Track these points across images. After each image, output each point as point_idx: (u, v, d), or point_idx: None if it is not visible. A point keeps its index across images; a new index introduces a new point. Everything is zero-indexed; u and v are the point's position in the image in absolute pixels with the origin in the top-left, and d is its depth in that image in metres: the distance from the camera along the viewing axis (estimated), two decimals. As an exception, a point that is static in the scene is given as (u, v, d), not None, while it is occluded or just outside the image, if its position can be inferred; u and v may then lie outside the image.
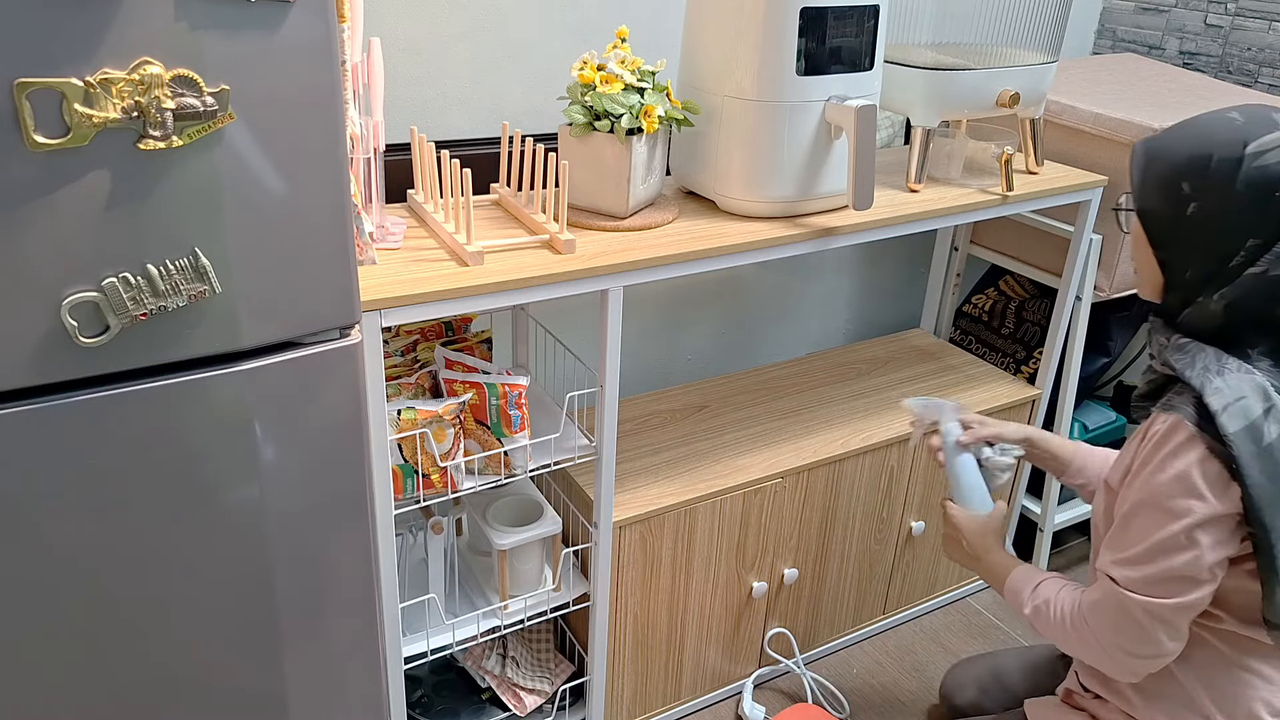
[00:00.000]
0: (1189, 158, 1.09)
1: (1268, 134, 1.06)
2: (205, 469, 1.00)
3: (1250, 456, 1.04)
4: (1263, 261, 1.07)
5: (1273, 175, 1.05)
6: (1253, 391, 1.07)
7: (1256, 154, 1.05)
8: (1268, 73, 2.27)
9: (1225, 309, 1.10)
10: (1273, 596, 1.09)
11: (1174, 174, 1.10)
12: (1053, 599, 1.24)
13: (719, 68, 1.45)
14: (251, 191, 0.92)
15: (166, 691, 1.07)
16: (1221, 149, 1.07)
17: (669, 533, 1.61)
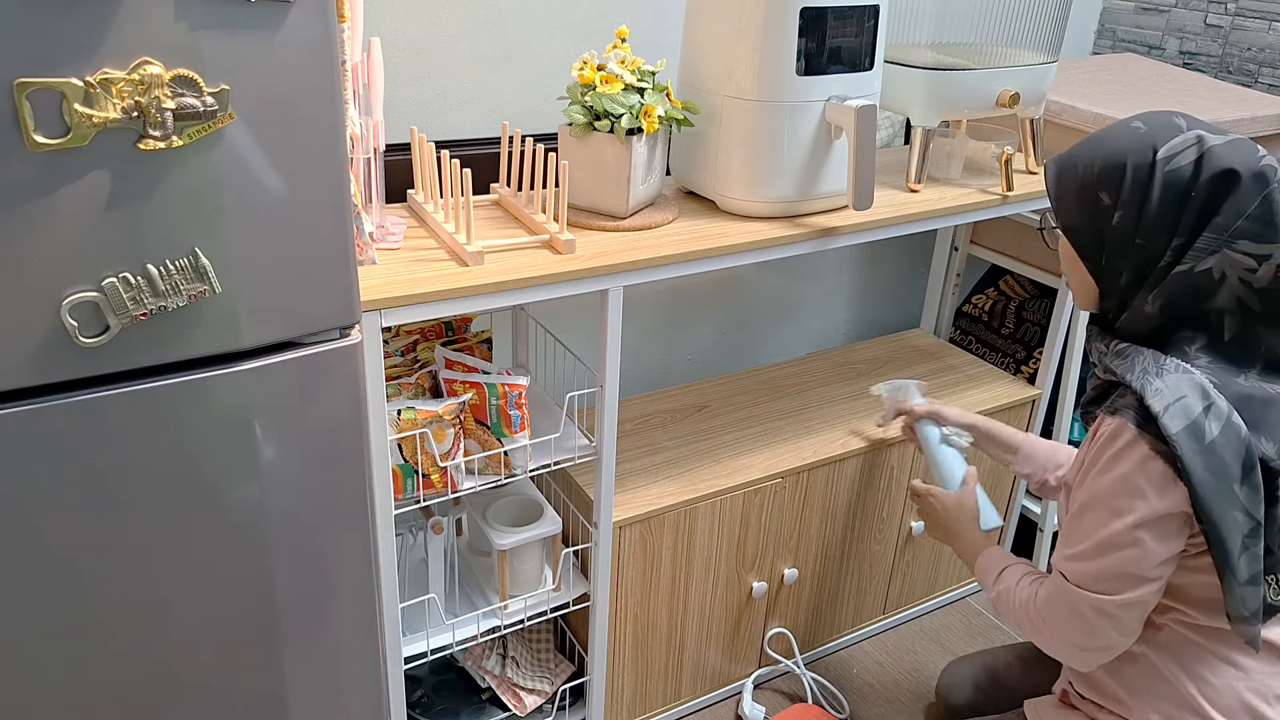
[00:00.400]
0: (1103, 169, 1.14)
1: (1173, 138, 1.12)
2: (205, 469, 1.00)
3: (1193, 454, 1.07)
4: (1188, 259, 1.11)
5: (1184, 177, 1.10)
6: (1192, 390, 1.10)
7: (1167, 158, 1.11)
8: (1268, 73, 2.27)
9: (1160, 309, 1.14)
10: (1230, 590, 1.11)
11: (1091, 187, 1.15)
12: (1013, 587, 1.29)
13: (719, 68, 1.45)
14: (251, 191, 0.92)
15: (166, 691, 1.07)
16: (1134, 157, 1.12)
17: (669, 533, 1.61)
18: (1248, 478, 1.08)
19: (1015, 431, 1.59)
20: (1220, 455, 1.07)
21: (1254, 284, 1.11)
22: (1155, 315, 1.15)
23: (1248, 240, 1.09)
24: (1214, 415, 1.08)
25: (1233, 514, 1.08)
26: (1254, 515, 1.09)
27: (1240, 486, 1.08)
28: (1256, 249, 1.10)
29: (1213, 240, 1.10)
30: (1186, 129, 1.12)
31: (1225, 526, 1.08)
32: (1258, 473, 1.09)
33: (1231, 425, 1.08)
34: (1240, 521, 1.08)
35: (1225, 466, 1.07)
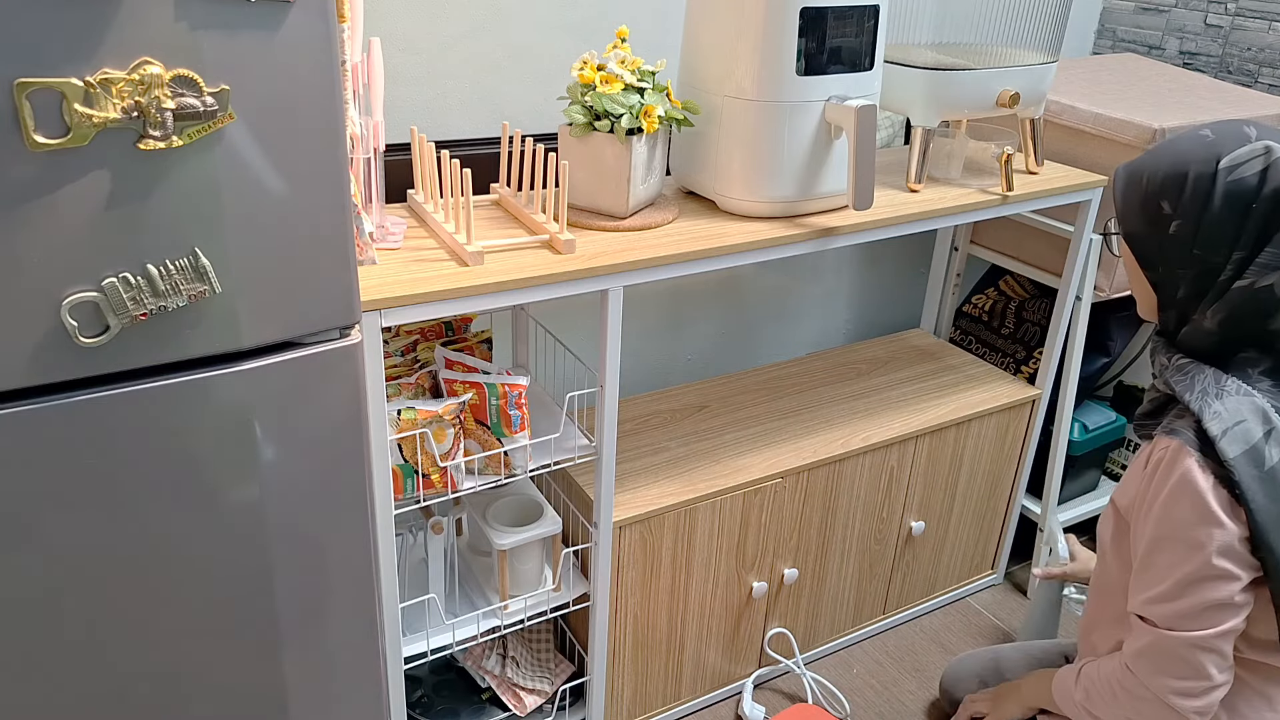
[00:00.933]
0: (1166, 177, 1.11)
1: (1240, 148, 1.08)
2: (205, 469, 1.00)
3: (1252, 480, 1.04)
4: (1249, 274, 1.08)
5: (1248, 188, 1.07)
6: (1252, 414, 1.07)
7: (1230, 168, 1.07)
8: (1268, 73, 2.27)
9: (1219, 325, 1.11)
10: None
11: (1153, 194, 1.12)
12: (1095, 674, 1.24)
13: (719, 68, 1.45)
14: (251, 191, 0.92)
15: (167, 691, 1.07)
16: (1197, 166, 1.09)
17: (669, 533, 1.61)
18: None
19: None
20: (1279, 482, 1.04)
21: None
22: (1215, 331, 1.12)
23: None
24: (1275, 440, 1.06)
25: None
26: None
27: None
28: None
29: (1276, 255, 1.07)
30: (1255, 139, 1.09)
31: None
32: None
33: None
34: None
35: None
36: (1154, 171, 1.13)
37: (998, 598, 2.15)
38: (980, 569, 2.16)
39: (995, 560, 2.18)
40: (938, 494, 1.96)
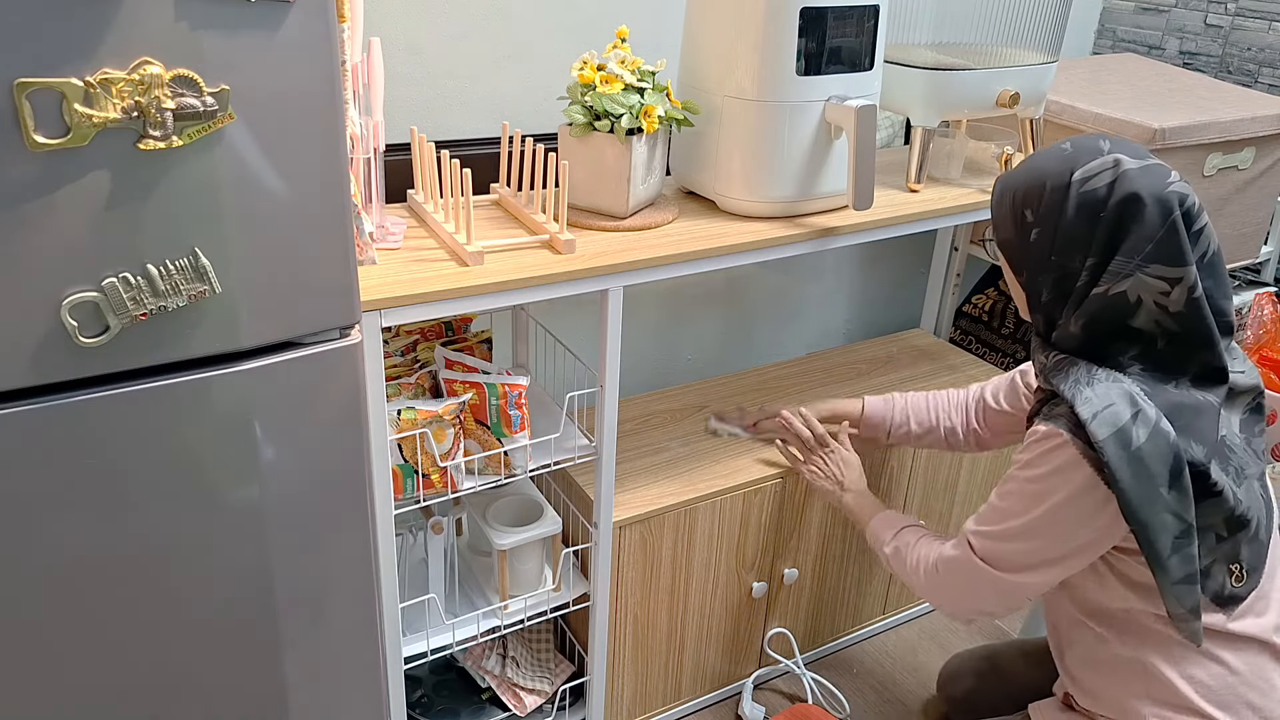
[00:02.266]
0: (1028, 188, 1.20)
1: (1092, 161, 1.16)
2: (205, 469, 1.00)
3: (1120, 460, 1.10)
4: (1104, 280, 1.16)
5: (1097, 198, 1.15)
6: (1120, 398, 1.13)
7: (1082, 180, 1.16)
8: (1268, 73, 2.27)
9: (1082, 329, 1.19)
10: (1164, 589, 1.14)
11: (1018, 204, 1.21)
12: (912, 544, 1.38)
13: (719, 68, 1.45)
14: (251, 191, 0.92)
15: (167, 691, 1.07)
16: (1053, 178, 1.18)
17: (669, 533, 1.61)
18: (1176, 482, 1.11)
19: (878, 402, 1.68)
20: (1147, 462, 1.10)
21: (1169, 308, 1.15)
22: (1079, 334, 1.19)
23: (1159, 264, 1.14)
24: (1141, 422, 1.12)
25: (1161, 517, 1.11)
26: (1184, 517, 1.12)
27: (1169, 491, 1.11)
28: (1168, 272, 1.14)
29: (1125, 263, 1.14)
30: (1108, 152, 1.16)
31: (1153, 530, 1.11)
32: (1186, 476, 1.12)
33: (1159, 431, 1.11)
34: (1170, 524, 1.12)
35: (1150, 472, 1.10)
36: (1020, 183, 1.22)
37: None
38: (980, 569, 2.16)
39: (995, 560, 2.18)
40: (938, 494, 1.96)
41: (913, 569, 1.36)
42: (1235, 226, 2.12)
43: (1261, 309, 2.14)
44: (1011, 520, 1.20)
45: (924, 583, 1.34)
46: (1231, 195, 2.06)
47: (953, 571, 1.29)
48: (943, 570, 1.30)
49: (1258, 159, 2.04)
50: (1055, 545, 1.18)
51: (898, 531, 1.43)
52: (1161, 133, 1.82)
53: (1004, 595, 1.24)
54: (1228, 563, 1.18)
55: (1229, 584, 1.18)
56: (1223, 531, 1.17)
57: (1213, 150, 1.94)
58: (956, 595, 1.29)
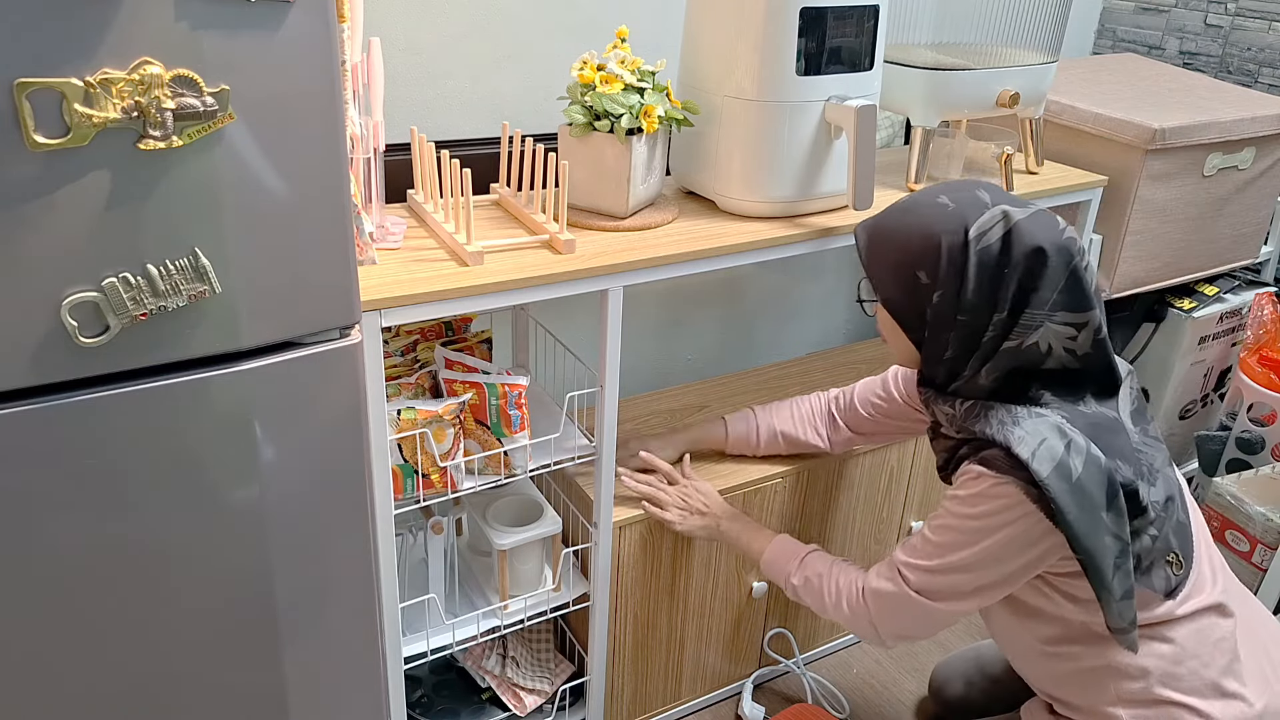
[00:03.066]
0: (919, 249, 1.17)
1: (982, 215, 1.15)
2: (205, 469, 1.00)
3: (1064, 494, 1.11)
4: (1014, 335, 1.16)
5: (994, 254, 1.14)
6: (1050, 431, 1.14)
7: (979, 236, 1.15)
8: (1268, 73, 2.27)
9: (994, 381, 1.19)
10: (1108, 607, 1.16)
11: (907, 264, 1.19)
12: (825, 574, 1.36)
13: (719, 68, 1.45)
14: (251, 191, 0.92)
15: (167, 691, 1.07)
16: (948, 236, 1.16)
17: (669, 533, 1.61)
18: (1112, 504, 1.13)
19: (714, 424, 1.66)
20: (1087, 490, 1.12)
21: (1076, 350, 1.17)
22: (989, 385, 1.20)
23: (1065, 311, 1.15)
24: (1075, 451, 1.13)
25: (1104, 540, 1.13)
26: (1121, 537, 1.14)
27: (1107, 513, 1.13)
28: (1074, 318, 1.16)
29: (1034, 315, 1.15)
30: (991, 204, 1.16)
31: (1099, 555, 1.13)
32: (1121, 497, 1.13)
33: (1092, 458, 1.13)
34: (1110, 545, 1.13)
35: (1092, 499, 1.12)
36: (904, 241, 1.19)
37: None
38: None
39: (995, 560, 2.18)
40: (938, 493, 1.95)
41: (833, 601, 1.35)
42: (1235, 226, 2.12)
43: (1261, 309, 2.14)
44: (950, 555, 1.21)
45: (847, 614, 1.33)
46: (1231, 195, 2.06)
47: (882, 602, 1.28)
48: (871, 601, 1.30)
49: (1258, 159, 2.04)
50: (992, 574, 1.20)
51: (802, 560, 1.41)
52: (1161, 133, 1.82)
53: (934, 622, 1.27)
54: (1164, 556, 1.20)
55: (1171, 574, 1.21)
56: (1153, 532, 1.19)
57: (1213, 150, 1.94)
58: (884, 624, 1.29)
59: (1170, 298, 2.18)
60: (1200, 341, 2.19)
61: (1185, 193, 1.96)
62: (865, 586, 1.31)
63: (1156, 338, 2.20)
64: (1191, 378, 2.24)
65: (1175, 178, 1.92)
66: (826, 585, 1.36)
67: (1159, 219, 1.95)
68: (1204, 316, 2.16)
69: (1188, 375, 2.23)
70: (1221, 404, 2.31)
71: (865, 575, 1.33)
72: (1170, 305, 2.17)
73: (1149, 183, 1.89)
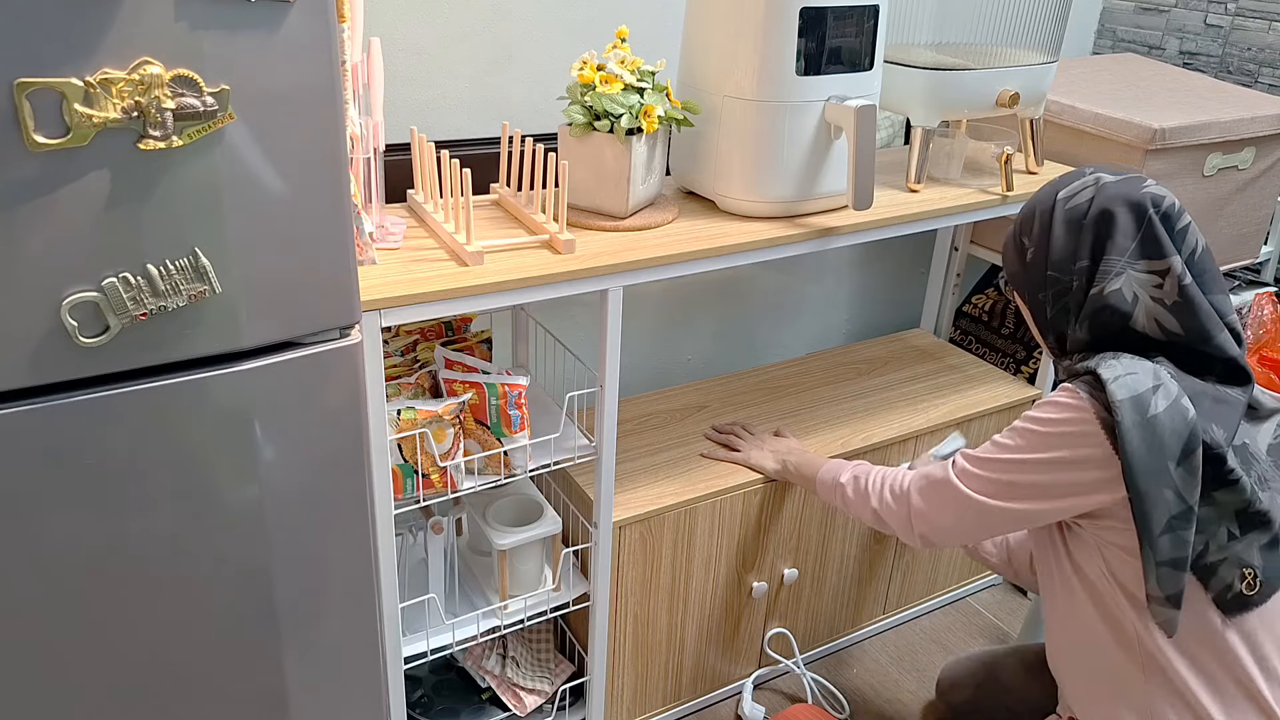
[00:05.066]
0: (1023, 219, 1.31)
1: (1074, 181, 1.26)
2: (205, 469, 1.00)
3: (1133, 424, 1.10)
4: (1097, 281, 1.21)
5: (1080, 211, 1.23)
6: (1144, 371, 1.15)
7: (1066, 199, 1.25)
8: (1268, 73, 2.27)
9: (1089, 332, 1.23)
10: (1148, 564, 1.13)
11: (1017, 234, 1.32)
12: (873, 471, 1.44)
13: (719, 68, 1.45)
14: (251, 191, 0.93)
15: (167, 691, 1.07)
16: (1041, 203, 1.28)
17: (669, 533, 1.61)
18: (1186, 460, 1.10)
19: None
20: (1159, 432, 1.10)
21: (1165, 300, 1.18)
22: (1087, 339, 1.23)
23: (1145, 259, 1.19)
24: (1162, 394, 1.12)
25: (1162, 491, 1.10)
26: (1186, 499, 1.10)
27: (1176, 467, 1.10)
28: (1155, 265, 1.19)
29: (1113, 262, 1.20)
30: (1090, 174, 1.26)
31: (1151, 501, 1.10)
32: (1198, 456, 1.10)
33: (1178, 406, 1.11)
34: (1170, 500, 1.10)
35: (1163, 443, 1.10)
36: (1019, 217, 1.32)
37: (998, 598, 2.15)
38: (980, 569, 2.16)
39: (995, 560, 2.18)
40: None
41: (876, 490, 1.40)
42: (1235, 226, 2.12)
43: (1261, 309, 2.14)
44: (1006, 452, 1.23)
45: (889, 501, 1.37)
46: (1231, 195, 2.06)
47: (926, 488, 1.32)
48: (914, 489, 1.33)
49: (1258, 159, 2.04)
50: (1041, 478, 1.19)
51: (854, 464, 1.50)
52: (1161, 133, 1.82)
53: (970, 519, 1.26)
54: (1239, 565, 1.14)
55: (1239, 586, 1.15)
56: (1234, 529, 1.14)
57: (1213, 150, 1.94)
58: (920, 515, 1.32)
59: (1170, 298, 2.17)
60: (1200, 341, 2.19)
61: (1185, 193, 1.96)
62: (914, 475, 1.36)
63: (1156, 338, 2.19)
64: (1191, 378, 2.24)
65: (1175, 178, 1.92)
66: (873, 478, 1.42)
67: (1159, 219, 1.95)
68: (1204, 316, 2.15)
69: (1188, 375, 2.22)
70: (1221, 404, 2.31)
71: (914, 472, 1.38)
72: (1170, 305, 2.16)
73: (1149, 183, 1.88)
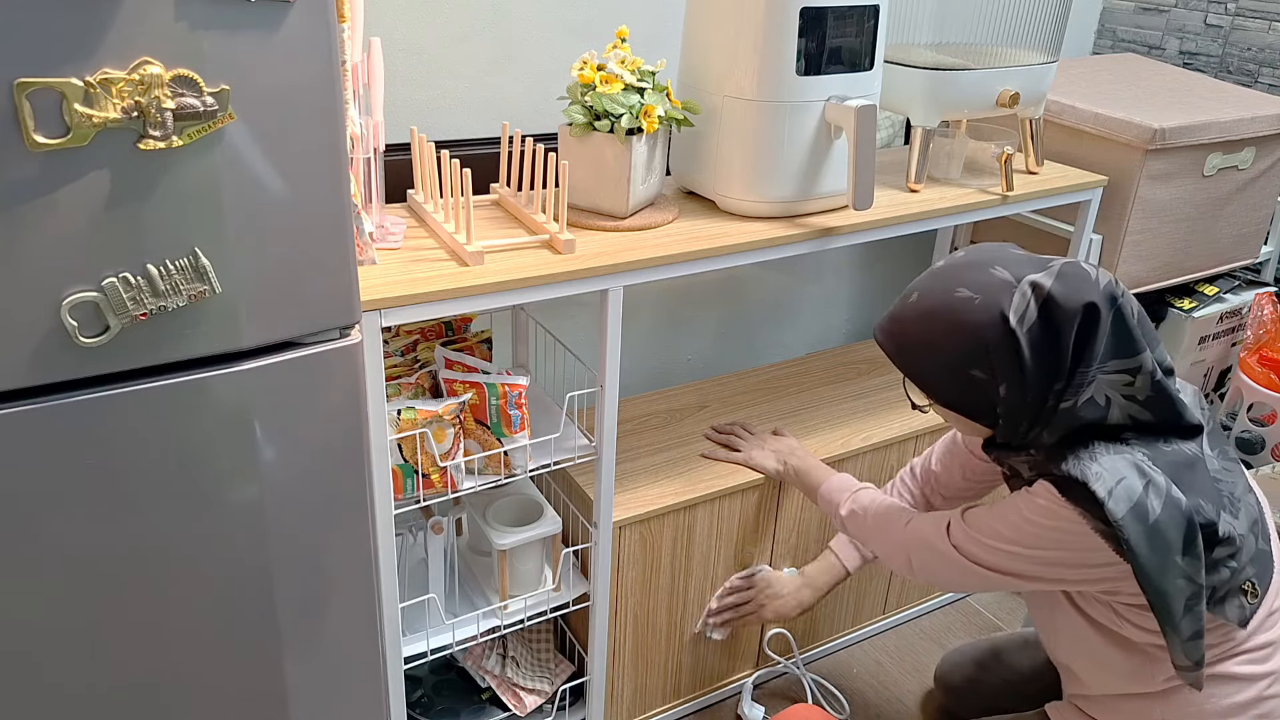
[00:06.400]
0: (963, 351, 1.15)
1: (1013, 297, 1.13)
2: (205, 469, 1.00)
3: (1139, 536, 1.09)
4: (1068, 395, 1.14)
5: (1039, 331, 1.12)
6: (1129, 470, 1.12)
7: (1020, 321, 1.12)
8: (1268, 73, 2.27)
9: (1060, 439, 1.17)
10: (1173, 645, 1.15)
11: (959, 366, 1.16)
12: (871, 507, 1.43)
13: (719, 68, 1.45)
14: (251, 191, 0.92)
15: (166, 691, 1.07)
16: (990, 332, 1.13)
17: (669, 533, 1.61)
18: (1190, 548, 1.11)
19: None
20: (1164, 532, 1.10)
21: (1137, 396, 1.15)
22: (1054, 444, 1.18)
23: (1114, 359, 1.13)
24: (1154, 492, 1.11)
25: (1175, 583, 1.11)
26: (1196, 580, 1.12)
27: (1182, 558, 1.11)
28: (1125, 364, 1.13)
29: (1084, 372, 1.13)
30: (1015, 280, 1.14)
31: (1168, 596, 1.11)
32: (1199, 541, 1.12)
33: (1172, 499, 1.11)
34: (1183, 588, 1.12)
35: (1167, 543, 1.10)
36: (945, 346, 1.16)
37: (998, 597, 2.15)
38: (980, 569, 2.16)
39: (995, 560, 2.18)
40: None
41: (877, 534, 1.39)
42: (1235, 226, 2.12)
43: (1261, 309, 2.14)
44: (1003, 542, 1.21)
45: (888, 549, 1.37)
46: (1231, 195, 2.06)
47: (925, 552, 1.31)
48: (914, 547, 1.32)
49: (1258, 159, 2.04)
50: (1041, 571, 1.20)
51: (853, 493, 1.48)
52: (1161, 133, 1.82)
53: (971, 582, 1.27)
54: (1239, 586, 1.18)
55: (1245, 603, 1.19)
56: (1233, 565, 1.17)
57: (1213, 150, 1.94)
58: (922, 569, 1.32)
59: (1170, 298, 2.18)
60: (1200, 341, 2.19)
61: (1185, 193, 1.96)
62: (912, 529, 1.33)
63: (1156, 338, 2.20)
64: (1191, 378, 2.24)
65: (1175, 178, 1.92)
66: (872, 519, 1.41)
67: (1159, 219, 1.95)
68: (1204, 316, 2.16)
69: (1188, 375, 2.23)
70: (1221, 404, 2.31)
71: (915, 521, 1.34)
72: (1170, 305, 2.17)
73: (1149, 183, 1.89)
